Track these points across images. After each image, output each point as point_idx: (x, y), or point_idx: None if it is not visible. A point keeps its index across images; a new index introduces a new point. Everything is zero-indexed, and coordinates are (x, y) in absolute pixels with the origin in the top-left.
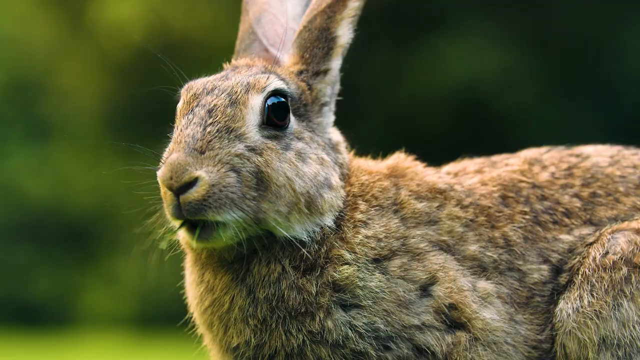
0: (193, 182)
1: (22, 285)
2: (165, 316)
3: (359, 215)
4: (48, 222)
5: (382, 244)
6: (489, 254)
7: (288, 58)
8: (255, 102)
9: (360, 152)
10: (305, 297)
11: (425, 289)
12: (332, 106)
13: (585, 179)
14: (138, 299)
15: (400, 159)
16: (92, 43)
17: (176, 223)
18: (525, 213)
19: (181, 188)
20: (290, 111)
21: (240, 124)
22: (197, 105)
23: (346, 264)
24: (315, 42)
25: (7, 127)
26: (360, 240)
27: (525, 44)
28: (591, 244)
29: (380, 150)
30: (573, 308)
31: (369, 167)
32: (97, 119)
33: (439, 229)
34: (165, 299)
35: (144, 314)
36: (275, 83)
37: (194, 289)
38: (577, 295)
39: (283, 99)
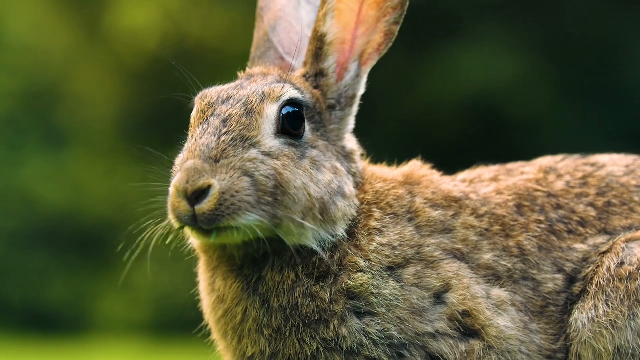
0: (207, 190)
1: (37, 291)
2: (180, 322)
3: (373, 223)
4: (63, 228)
5: (397, 252)
6: (504, 263)
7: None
8: (271, 111)
9: (375, 159)
10: (319, 304)
11: (439, 297)
12: (349, 112)
13: (600, 188)
14: (153, 306)
15: (416, 167)
16: (108, 50)
17: (189, 229)
18: (541, 222)
19: (195, 194)
20: (305, 120)
21: (255, 132)
22: (212, 115)
23: (360, 271)
24: (310, 43)
25: (23, 134)
26: (375, 247)
27: (539, 50)
28: (604, 253)
29: (395, 157)
30: (588, 318)
31: (384, 174)
32: (112, 125)
33: (454, 238)
34: (179, 305)
35: (159, 321)
36: (290, 92)
37: (206, 297)
38: (592, 305)
39: (298, 109)
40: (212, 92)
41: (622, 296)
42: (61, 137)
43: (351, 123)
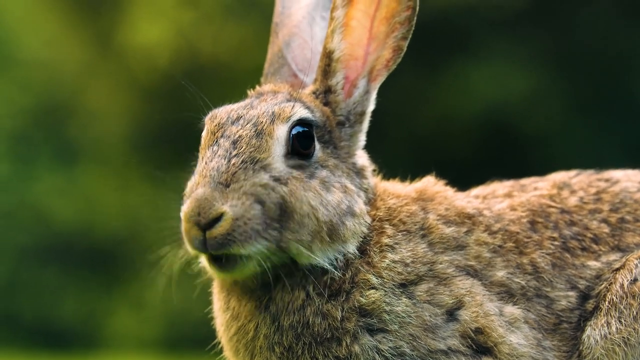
0: (219, 217)
1: (48, 307)
2: (192, 339)
3: (385, 240)
4: (75, 244)
5: (409, 269)
6: (517, 280)
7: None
8: (281, 132)
9: (387, 175)
10: (330, 322)
11: (451, 314)
12: (359, 128)
13: (614, 204)
14: (165, 322)
15: (429, 183)
16: (121, 66)
17: (200, 255)
18: (554, 239)
19: (208, 224)
20: (315, 139)
21: (265, 154)
22: (221, 136)
23: (373, 288)
24: (320, 60)
25: (35, 150)
26: (387, 264)
27: (550, 64)
28: (617, 269)
29: (407, 173)
30: (601, 335)
31: (396, 190)
32: (124, 141)
33: (467, 254)
34: (192, 322)
35: (171, 337)
36: (300, 112)
37: (221, 315)
38: (605, 322)
39: (308, 128)
40: (222, 112)
41: (635, 313)
42: (73, 153)
43: (362, 139)
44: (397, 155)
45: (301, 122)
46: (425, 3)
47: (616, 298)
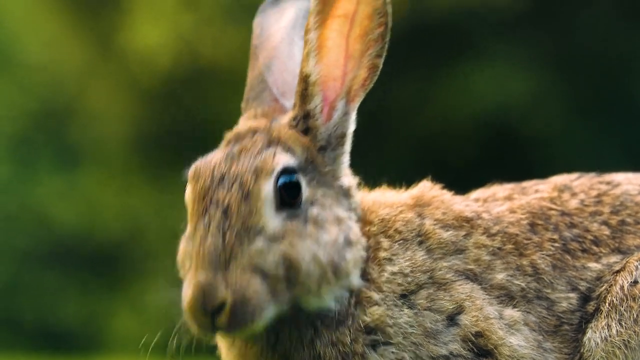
0: (224, 302)
1: (50, 310)
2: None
3: (383, 254)
4: (76, 247)
5: (409, 279)
6: (517, 282)
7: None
8: (267, 189)
9: (388, 177)
10: (341, 349)
11: (452, 319)
12: (342, 150)
13: (615, 207)
14: (166, 326)
15: (425, 188)
16: (121, 69)
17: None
18: (555, 241)
19: (215, 311)
20: (302, 183)
21: (257, 218)
22: (210, 203)
23: (375, 304)
24: (297, 84)
25: (36, 153)
26: (387, 278)
27: (551, 67)
28: (618, 271)
29: (408, 175)
30: (601, 337)
31: (389, 200)
32: (125, 144)
33: (466, 258)
34: None
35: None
36: (282, 159)
37: (225, 352)
38: (605, 324)
39: (293, 175)
40: (205, 170)
41: (635, 316)
42: (74, 156)
43: (345, 160)
44: (397, 157)
45: (285, 170)
46: (426, 5)
47: (616, 300)
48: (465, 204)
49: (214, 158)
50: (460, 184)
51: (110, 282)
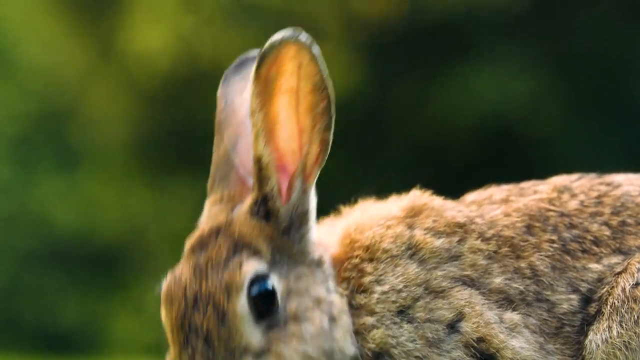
0: None
1: (50, 312)
2: None
3: (367, 279)
4: (76, 249)
5: (404, 294)
6: (515, 285)
7: None
8: (241, 305)
9: (389, 179)
10: None
11: (452, 326)
12: (306, 228)
13: (615, 207)
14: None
15: (415, 198)
16: (121, 71)
17: None
18: (553, 242)
19: None
20: (275, 290)
21: (239, 338)
22: (189, 331)
23: (373, 328)
24: (252, 167)
25: (36, 155)
26: (378, 298)
27: (551, 68)
28: (619, 273)
29: (408, 175)
30: (602, 339)
31: (375, 216)
32: (125, 146)
33: (462, 264)
34: None
35: None
36: (250, 268)
37: None
38: (606, 326)
39: (266, 283)
40: (177, 292)
41: (636, 317)
42: (74, 158)
43: (313, 235)
44: (397, 157)
45: (256, 279)
46: (426, 6)
47: (618, 302)
48: (458, 209)
49: (183, 274)
50: (460, 185)
51: (110, 283)
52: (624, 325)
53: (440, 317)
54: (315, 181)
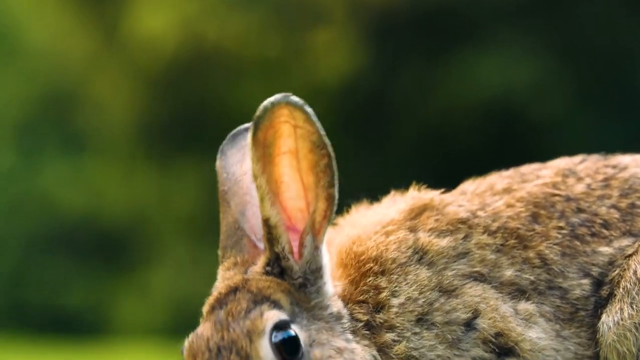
0: None
1: (56, 296)
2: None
3: (383, 295)
4: (82, 233)
5: (420, 301)
6: (526, 276)
7: None
8: (265, 349)
9: (395, 167)
10: None
11: (469, 324)
12: (322, 282)
13: (623, 190)
14: (173, 310)
15: (415, 199)
16: (126, 56)
17: None
18: (561, 228)
19: None
20: (299, 336)
21: None
22: None
23: (395, 343)
24: (262, 229)
25: (41, 139)
26: (396, 312)
27: (555, 54)
28: (630, 255)
29: (412, 163)
30: (614, 321)
31: (372, 223)
32: (130, 130)
33: (471, 260)
34: (199, 309)
35: (178, 324)
36: (272, 316)
37: None
38: (618, 309)
39: (289, 331)
40: (199, 346)
41: None
42: (79, 142)
43: (329, 288)
44: (401, 144)
45: (278, 326)
46: None
47: (630, 285)
48: (458, 203)
49: (205, 331)
50: (464, 171)
51: (116, 267)
52: (634, 306)
53: (457, 318)
54: (325, 237)
